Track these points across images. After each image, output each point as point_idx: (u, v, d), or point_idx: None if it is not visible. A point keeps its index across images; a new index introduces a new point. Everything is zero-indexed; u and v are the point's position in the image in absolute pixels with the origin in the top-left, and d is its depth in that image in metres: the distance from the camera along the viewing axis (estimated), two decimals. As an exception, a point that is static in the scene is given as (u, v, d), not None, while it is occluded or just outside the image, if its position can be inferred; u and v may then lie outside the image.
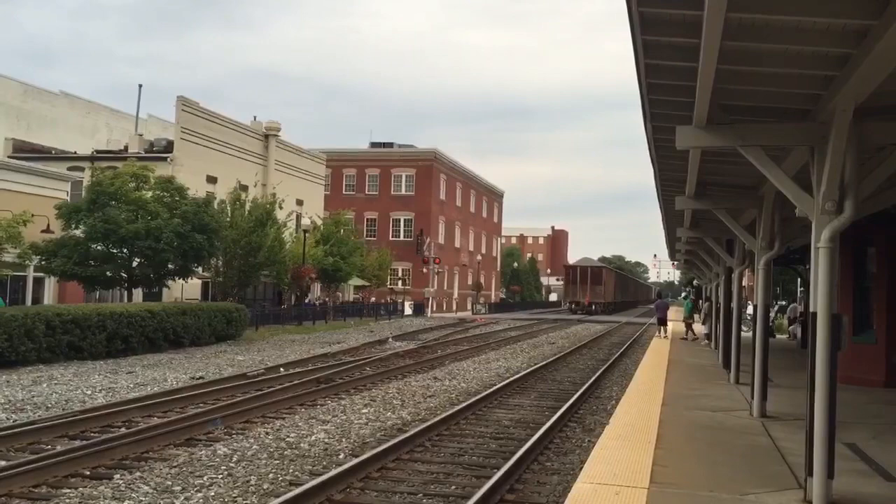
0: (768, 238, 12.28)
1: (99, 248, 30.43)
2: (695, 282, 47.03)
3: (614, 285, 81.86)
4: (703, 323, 31.71)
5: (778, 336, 34.24)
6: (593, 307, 71.40)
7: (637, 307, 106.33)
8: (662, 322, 34.85)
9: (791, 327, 34.68)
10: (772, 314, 33.41)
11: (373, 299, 60.81)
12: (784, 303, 44.64)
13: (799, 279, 37.68)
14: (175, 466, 10.14)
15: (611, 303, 78.04)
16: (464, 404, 15.19)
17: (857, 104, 6.60)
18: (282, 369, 21.62)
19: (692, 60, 6.33)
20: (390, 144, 79.55)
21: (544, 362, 24.57)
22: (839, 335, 7.20)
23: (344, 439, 12.27)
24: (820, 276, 7.09)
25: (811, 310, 7.34)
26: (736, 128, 7.88)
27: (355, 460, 10.13)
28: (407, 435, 11.89)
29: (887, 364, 15.75)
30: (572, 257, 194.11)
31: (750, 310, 31.76)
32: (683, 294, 43.88)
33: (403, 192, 75.71)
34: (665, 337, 32.83)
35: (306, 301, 47.64)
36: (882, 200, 11.30)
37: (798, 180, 7.82)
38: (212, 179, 44.90)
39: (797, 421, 9.71)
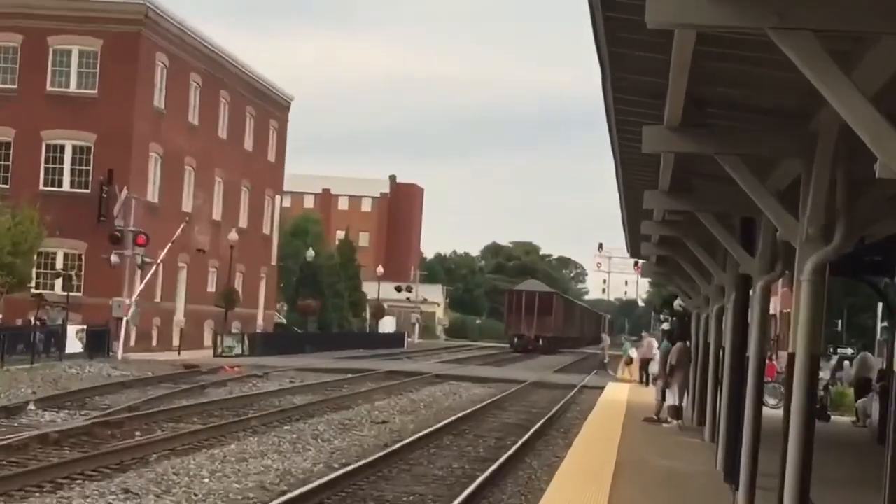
0: (822, 216, 6.44)
1: None
2: (677, 303, 29.62)
3: (563, 315, 64.39)
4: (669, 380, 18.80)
5: (834, 418, 21.31)
6: (540, 342, 55.65)
7: (578, 346, 71.34)
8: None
9: (860, 401, 20.45)
10: (824, 374, 20.49)
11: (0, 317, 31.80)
12: (851, 351, 29.97)
13: (881, 304, 23.71)
14: None
15: (558, 337, 61.83)
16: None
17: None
18: None
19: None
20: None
21: (356, 464, 12.99)
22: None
23: None
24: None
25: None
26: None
27: None
28: None
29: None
30: (429, 244, 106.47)
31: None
32: (664, 325, 30.72)
33: (74, 87, 38.18)
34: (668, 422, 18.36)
35: None
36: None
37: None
38: None
39: None
